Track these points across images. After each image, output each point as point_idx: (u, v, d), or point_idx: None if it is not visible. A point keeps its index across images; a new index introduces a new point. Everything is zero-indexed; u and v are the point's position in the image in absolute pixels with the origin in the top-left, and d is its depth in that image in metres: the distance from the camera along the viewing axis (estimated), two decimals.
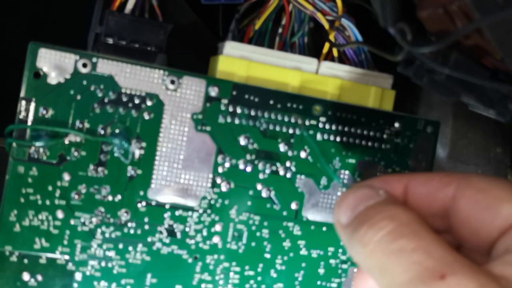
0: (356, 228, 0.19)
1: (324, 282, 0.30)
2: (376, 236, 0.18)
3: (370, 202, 0.19)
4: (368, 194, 0.20)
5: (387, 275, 0.17)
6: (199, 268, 0.28)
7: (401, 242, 0.17)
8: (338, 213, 0.20)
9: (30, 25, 0.40)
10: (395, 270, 0.17)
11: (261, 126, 0.29)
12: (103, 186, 0.27)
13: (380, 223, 0.18)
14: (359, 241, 0.18)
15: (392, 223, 0.18)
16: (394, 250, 0.17)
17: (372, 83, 0.31)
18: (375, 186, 0.20)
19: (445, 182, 0.20)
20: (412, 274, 0.16)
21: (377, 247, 0.18)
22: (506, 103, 0.25)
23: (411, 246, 0.17)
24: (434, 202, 0.20)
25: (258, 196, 0.29)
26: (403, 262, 0.17)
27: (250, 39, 0.31)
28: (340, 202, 0.20)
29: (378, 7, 0.22)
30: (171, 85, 0.27)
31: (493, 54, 0.23)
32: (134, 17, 0.28)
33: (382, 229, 0.18)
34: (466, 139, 0.35)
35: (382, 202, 0.19)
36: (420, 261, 0.17)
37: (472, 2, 0.19)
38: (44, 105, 0.26)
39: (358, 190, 0.20)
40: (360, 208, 0.19)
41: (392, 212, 0.19)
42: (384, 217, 0.18)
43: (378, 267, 0.17)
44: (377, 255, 0.18)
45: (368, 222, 0.18)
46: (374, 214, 0.19)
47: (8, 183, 0.26)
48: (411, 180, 0.20)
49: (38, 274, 0.26)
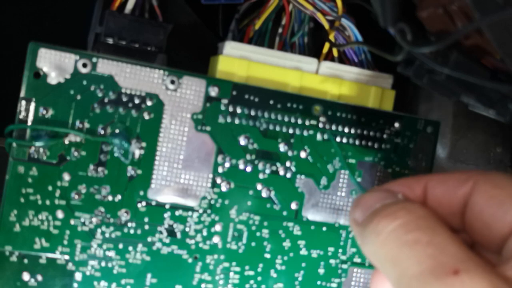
0: (370, 219, 0.19)
1: (324, 282, 0.30)
2: (390, 226, 0.18)
3: (387, 201, 0.19)
4: (386, 196, 0.20)
5: (398, 266, 0.17)
6: (199, 268, 0.28)
7: (416, 234, 0.17)
8: (354, 212, 0.20)
9: (30, 25, 0.40)
10: (407, 261, 0.17)
11: (261, 126, 0.29)
12: (103, 186, 0.27)
13: (395, 213, 0.18)
14: (372, 230, 0.18)
15: (408, 215, 0.18)
16: (408, 241, 0.17)
17: (372, 83, 0.31)
18: (393, 189, 0.20)
19: (463, 179, 0.20)
20: (425, 267, 0.16)
21: (391, 237, 0.17)
22: (506, 103, 0.25)
23: (426, 239, 0.17)
24: (453, 200, 0.20)
25: (258, 196, 0.29)
26: (417, 254, 0.17)
27: (250, 39, 0.31)
28: (357, 202, 0.20)
29: (378, 7, 0.22)
30: (171, 85, 0.27)
31: (493, 54, 0.23)
32: (134, 17, 0.28)
33: (397, 219, 0.18)
34: (466, 139, 0.35)
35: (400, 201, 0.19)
36: (434, 255, 0.16)
37: (472, 2, 0.19)
38: (44, 105, 0.26)
39: (375, 192, 0.20)
40: (376, 206, 0.19)
41: (409, 206, 0.18)
42: (400, 209, 0.18)
43: (390, 258, 0.17)
44: (389, 245, 0.17)
45: (383, 212, 0.18)
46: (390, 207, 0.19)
47: (8, 183, 0.26)
48: (430, 180, 0.20)
49: (38, 274, 0.26)
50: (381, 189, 0.20)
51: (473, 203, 0.19)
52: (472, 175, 0.19)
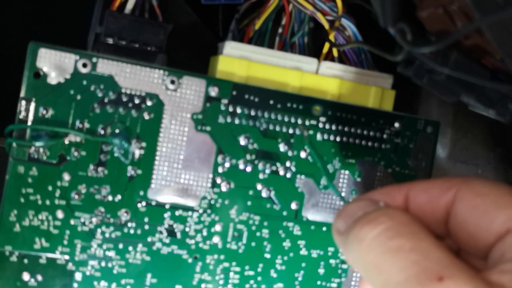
0: (352, 227, 0.19)
1: (324, 282, 0.30)
2: (373, 232, 0.18)
3: (369, 209, 0.19)
4: (368, 204, 0.20)
5: (383, 273, 0.17)
6: (199, 268, 0.28)
7: (399, 241, 0.17)
8: (336, 222, 0.20)
9: (30, 25, 0.40)
10: (391, 269, 0.17)
11: (261, 126, 0.29)
12: (103, 186, 0.27)
13: (377, 219, 0.18)
14: (355, 237, 0.18)
15: (390, 221, 0.18)
16: (392, 248, 0.17)
17: (372, 83, 0.31)
18: (375, 198, 0.20)
19: (445, 187, 0.19)
20: (410, 274, 0.16)
21: (374, 243, 0.17)
22: (506, 103, 0.25)
23: (409, 246, 0.17)
24: (436, 209, 0.19)
25: (258, 196, 0.29)
26: (400, 261, 0.17)
27: (250, 39, 0.31)
28: (339, 213, 0.20)
29: (378, 7, 0.22)
30: (171, 85, 0.27)
31: (493, 54, 0.23)
32: (134, 17, 0.28)
33: (379, 225, 0.18)
34: (466, 139, 0.35)
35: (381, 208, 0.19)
36: (418, 262, 0.16)
37: (472, 2, 0.19)
38: (44, 105, 0.26)
39: (357, 202, 0.20)
40: (358, 214, 0.19)
41: (390, 212, 0.18)
42: (382, 215, 0.18)
43: (374, 265, 0.17)
44: (373, 252, 0.17)
45: (365, 219, 0.18)
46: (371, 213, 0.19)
47: (8, 183, 0.26)
48: (412, 189, 0.20)
49: (38, 274, 0.26)
50: (363, 198, 0.20)
51: (457, 212, 0.19)
52: (454, 183, 0.19)
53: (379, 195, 0.20)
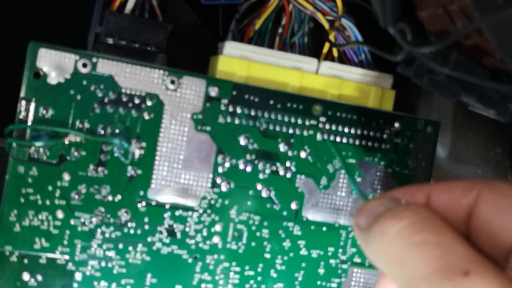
0: (375, 221, 0.18)
1: (324, 282, 0.30)
2: (397, 226, 0.17)
3: (392, 206, 0.19)
4: (390, 201, 0.19)
5: (407, 267, 0.17)
6: (199, 268, 0.28)
7: (423, 235, 0.17)
8: (358, 218, 0.20)
9: (30, 25, 0.40)
10: (416, 262, 0.16)
11: (261, 126, 0.29)
12: (103, 186, 0.27)
13: (401, 214, 0.18)
14: (377, 231, 0.18)
15: (414, 215, 0.18)
16: (416, 242, 0.17)
17: (372, 83, 0.31)
18: (396, 196, 0.20)
19: (468, 188, 0.19)
20: (435, 268, 0.16)
21: (397, 237, 0.17)
22: (506, 103, 0.25)
23: (434, 240, 0.17)
24: (457, 209, 0.19)
25: (258, 196, 0.29)
26: (425, 255, 0.16)
27: (250, 39, 0.31)
28: (361, 209, 0.20)
29: (378, 7, 0.22)
30: (171, 85, 0.27)
31: (493, 54, 0.23)
32: (134, 17, 0.28)
33: (403, 220, 0.18)
34: (466, 139, 0.35)
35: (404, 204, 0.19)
36: (443, 256, 0.16)
37: (472, 2, 0.19)
38: (44, 105, 0.26)
39: (379, 199, 0.20)
40: (380, 210, 0.19)
41: (414, 207, 0.18)
42: (405, 210, 0.18)
43: (398, 259, 0.17)
44: (397, 246, 0.17)
45: (388, 214, 0.18)
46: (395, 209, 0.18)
47: (8, 183, 0.26)
48: (433, 189, 0.20)
49: (38, 274, 0.26)
50: (385, 196, 0.20)
51: (479, 213, 0.19)
52: (476, 184, 0.19)
53: (400, 194, 0.20)
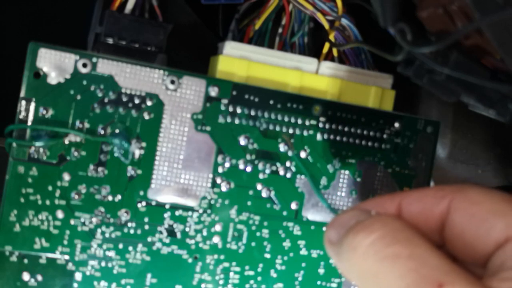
0: (345, 236, 0.18)
1: (324, 282, 0.30)
2: (368, 239, 0.17)
3: (362, 218, 0.19)
4: (360, 214, 0.19)
5: (380, 282, 0.16)
6: (199, 268, 0.28)
7: (396, 248, 0.17)
8: (328, 233, 0.19)
9: (30, 25, 0.40)
10: (390, 277, 0.16)
11: (261, 126, 0.29)
12: (103, 186, 0.27)
13: (371, 226, 0.18)
14: (348, 245, 0.18)
15: (384, 227, 0.17)
16: (388, 256, 0.17)
17: (372, 83, 0.31)
18: (367, 208, 0.20)
19: (439, 196, 0.19)
20: (409, 282, 0.16)
21: (369, 251, 0.17)
22: (506, 103, 0.25)
23: (406, 253, 0.16)
24: (430, 218, 0.19)
25: (258, 196, 0.29)
26: (399, 269, 0.16)
27: (250, 39, 0.31)
28: (331, 223, 0.20)
29: (378, 7, 0.22)
30: (171, 85, 0.27)
31: (493, 54, 0.23)
32: (134, 17, 0.28)
33: (374, 232, 0.17)
34: (466, 139, 0.35)
35: (374, 216, 0.19)
36: (417, 268, 0.16)
37: (472, 2, 0.19)
38: (44, 105, 0.26)
39: (349, 211, 0.20)
40: (351, 223, 0.19)
41: (383, 219, 0.18)
42: (375, 222, 0.18)
43: (371, 274, 0.17)
44: (369, 260, 0.17)
45: (358, 227, 0.18)
46: (364, 221, 0.18)
47: (8, 183, 0.26)
48: (404, 198, 0.20)
49: (38, 274, 0.26)
50: (354, 208, 0.20)
51: (453, 221, 0.19)
52: (448, 191, 0.19)
53: (371, 205, 0.20)
